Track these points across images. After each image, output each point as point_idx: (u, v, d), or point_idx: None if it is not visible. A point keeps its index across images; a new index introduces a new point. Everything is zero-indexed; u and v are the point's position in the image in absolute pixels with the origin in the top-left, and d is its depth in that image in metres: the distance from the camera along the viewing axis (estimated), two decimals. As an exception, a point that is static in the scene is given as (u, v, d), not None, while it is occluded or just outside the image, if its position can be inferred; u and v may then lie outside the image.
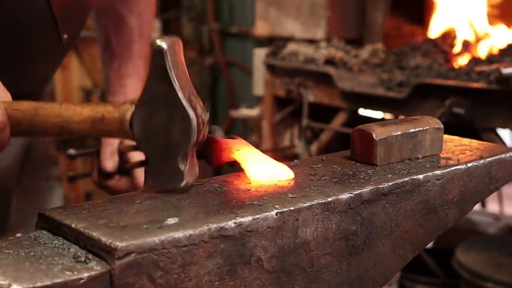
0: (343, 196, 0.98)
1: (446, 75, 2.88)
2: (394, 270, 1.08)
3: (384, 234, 1.04)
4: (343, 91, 3.19)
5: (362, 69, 3.29)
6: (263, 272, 0.91)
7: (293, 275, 0.95)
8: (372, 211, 1.02)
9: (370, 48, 3.47)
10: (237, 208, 0.91)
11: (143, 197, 0.96)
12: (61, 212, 0.90)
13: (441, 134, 1.19)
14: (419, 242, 1.10)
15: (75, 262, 0.80)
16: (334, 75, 3.24)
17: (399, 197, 1.05)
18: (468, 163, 1.15)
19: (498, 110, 2.68)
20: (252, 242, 0.89)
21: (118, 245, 0.79)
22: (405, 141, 1.14)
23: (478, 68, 2.80)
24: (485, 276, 2.87)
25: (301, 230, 0.94)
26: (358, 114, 3.54)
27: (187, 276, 0.84)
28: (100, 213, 0.90)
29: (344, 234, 0.99)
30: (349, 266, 1.01)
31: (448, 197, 1.12)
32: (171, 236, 0.82)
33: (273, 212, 0.91)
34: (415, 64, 3.13)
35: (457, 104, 2.71)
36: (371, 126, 1.13)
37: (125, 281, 0.79)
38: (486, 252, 3.10)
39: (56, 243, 0.86)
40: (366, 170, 1.10)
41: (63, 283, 0.76)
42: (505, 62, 2.84)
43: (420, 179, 1.08)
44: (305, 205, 0.94)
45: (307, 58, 3.46)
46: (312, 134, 3.57)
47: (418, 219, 1.09)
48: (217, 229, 0.86)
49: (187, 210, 0.90)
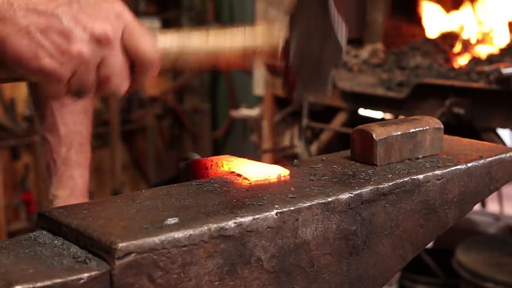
0: (343, 196, 0.98)
1: (446, 75, 2.88)
2: (394, 270, 1.08)
3: (384, 234, 1.04)
4: (343, 91, 3.19)
5: (362, 69, 3.29)
6: (263, 272, 0.91)
7: (293, 275, 0.95)
8: (372, 211, 1.02)
9: (370, 48, 3.47)
10: (237, 208, 0.91)
11: (143, 197, 0.96)
12: (61, 212, 0.90)
13: (441, 134, 1.19)
14: (419, 242, 1.10)
15: (75, 262, 0.80)
16: (334, 75, 3.24)
17: (399, 197, 1.05)
18: (468, 163, 1.15)
19: (498, 110, 2.68)
20: (252, 242, 0.89)
21: (118, 245, 0.79)
22: (405, 141, 1.14)
23: (478, 68, 2.80)
24: (485, 276, 2.87)
25: (301, 230, 0.94)
26: (358, 114, 3.54)
27: (187, 276, 0.84)
28: (100, 213, 0.90)
29: (344, 234, 0.99)
30: (349, 266, 1.01)
31: (448, 197, 1.12)
32: (171, 236, 0.82)
33: (273, 212, 0.91)
34: (415, 64, 3.13)
35: (457, 104, 2.71)
36: (371, 126, 1.13)
37: (125, 281, 0.79)
38: (486, 252, 3.10)
39: (56, 243, 0.86)
40: (366, 170, 1.10)
41: (63, 283, 0.76)
42: (505, 62, 2.84)
43: (420, 179, 1.08)
44: (305, 205, 0.94)
45: (307, 58, 3.46)
46: (312, 134, 3.56)
47: (418, 219, 1.09)
48: (217, 229, 0.86)
49: (187, 210, 0.90)
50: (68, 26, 0.87)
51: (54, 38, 0.87)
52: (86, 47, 0.88)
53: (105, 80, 0.92)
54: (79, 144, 1.45)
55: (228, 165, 1.08)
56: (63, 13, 0.87)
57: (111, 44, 0.90)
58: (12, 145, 4.66)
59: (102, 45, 0.89)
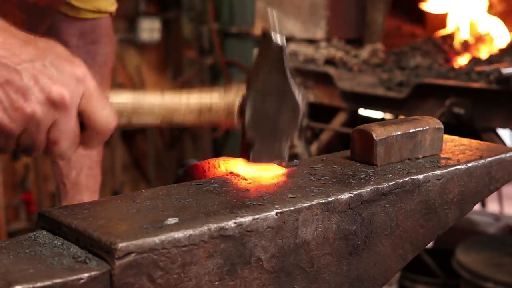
0: (343, 196, 0.98)
1: (446, 75, 2.87)
2: (394, 270, 1.08)
3: (384, 234, 1.04)
4: (343, 91, 3.19)
5: (362, 69, 3.29)
6: (263, 272, 0.91)
7: (293, 275, 0.95)
8: (372, 211, 1.02)
9: (370, 48, 3.47)
10: (237, 208, 0.91)
11: (143, 197, 0.96)
12: (61, 212, 0.90)
13: (441, 134, 1.19)
14: (419, 242, 1.10)
15: (75, 262, 0.80)
16: (334, 75, 3.24)
17: (399, 197, 1.05)
18: (468, 163, 1.15)
19: (498, 110, 2.68)
20: (252, 242, 0.89)
21: (118, 245, 0.79)
22: (405, 141, 1.14)
23: (478, 68, 2.80)
24: (485, 276, 2.87)
25: (301, 230, 0.94)
26: (358, 114, 3.54)
27: (187, 276, 0.84)
28: (100, 213, 0.90)
29: (344, 234, 0.99)
30: (349, 266, 1.01)
31: (448, 197, 1.12)
32: (171, 236, 0.82)
33: (273, 212, 0.91)
34: (415, 64, 3.13)
35: (457, 104, 2.71)
36: (371, 126, 1.13)
37: (125, 281, 0.79)
38: (486, 252, 3.10)
39: (56, 243, 0.86)
40: (366, 170, 1.10)
41: (63, 283, 0.76)
42: (505, 62, 2.84)
43: (420, 179, 1.08)
44: (305, 205, 0.94)
45: (307, 58, 3.46)
46: (312, 134, 3.56)
47: (418, 219, 1.09)
48: (217, 229, 0.86)
49: (187, 210, 0.90)
50: (27, 84, 0.87)
51: (10, 94, 0.86)
52: (40, 108, 0.88)
53: (54, 142, 0.91)
54: (89, 168, 1.47)
55: (225, 166, 1.08)
56: (25, 70, 0.87)
57: (66, 108, 0.89)
58: (12, 145, 4.65)
59: (56, 108, 0.89)
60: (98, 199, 1.42)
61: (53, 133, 0.91)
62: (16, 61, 0.87)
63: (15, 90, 0.86)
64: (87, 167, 1.46)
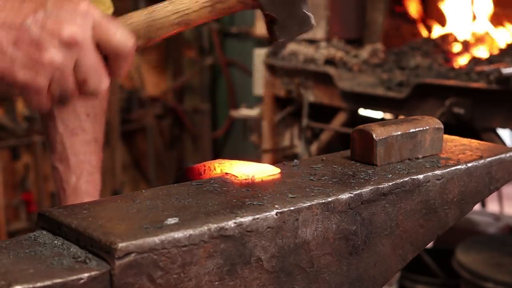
0: (343, 196, 0.98)
1: (446, 75, 2.87)
2: (394, 270, 1.08)
3: (384, 234, 1.04)
4: (343, 91, 3.19)
5: (362, 69, 3.29)
6: (263, 272, 0.91)
7: (293, 275, 0.95)
8: (372, 211, 1.02)
9: (370, 48, 3.47)
10: (237, 208, 0.91)
11: (143, 197, 0.96)
12: (61, 212, 0.90)
13: (441, 134, 1.19)
14: (419, 242, 1.10)
15: (75, 262, 0.80)
16: (334, 75, 3.24)
17: (399, 197, 1.05)
18: (468, 163, 1.15)
19: (498, 110, 2.68)
20: (252, 242, 0.89)
21: (118, 245, 0.79)
22: (405, 141, 1.14)
23: (478, 68, 2.80)
24: (485, 276, 2.87)
25: (301, 230, 0.94)
26: (358, 114, 3.54)
27: (187, 276, 0.84)
28: (100, 213, 0.90)
29: (344, 234, 0.99)
30: (349, 266, 1.01)
31: (448, 197, 1.12)
32: (171, 236, 0.82)
33: (273, 212, 0.91)
34: (415, 64, 3.13)
35: (457, 104, 2.71)
36: (371, 126, 1.13)
37: (125, 281, 0.79)
38: (486, 252, 3.10)
39: (56, 243, 0.86)
40: (366, 170, 1.10)
41: (63, 283, 0.76)
42: (505, 62, 2.84)
43: (420, 179, 1.08)
44: (305, 205, 0.94)
45: (307, 58, 3.46)
46: (312, 134, 3.57)
47: (418, 219, 1.09)
48: (217, 229, 0.86)
49: (187, 210, 0.90)
50: (37, 36, 0.88)
51: (24, 50, 0.87)
52: (58, 52, 0.88)
53: (84, 81, 0.92)
54: (88, 174, 1.46)
55: (220, 168, 1.08)
56: (30, 23, 0.88)
57: (82, 45, 0.90)
58: (12, 145, 4.66)
59: (72, 47, 0.89)
60: (98, 199, 1.42)
61: (79, 73, 0.91)
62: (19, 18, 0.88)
63: (28, 44, 0.87)
64: (86, 172, 1.46)
